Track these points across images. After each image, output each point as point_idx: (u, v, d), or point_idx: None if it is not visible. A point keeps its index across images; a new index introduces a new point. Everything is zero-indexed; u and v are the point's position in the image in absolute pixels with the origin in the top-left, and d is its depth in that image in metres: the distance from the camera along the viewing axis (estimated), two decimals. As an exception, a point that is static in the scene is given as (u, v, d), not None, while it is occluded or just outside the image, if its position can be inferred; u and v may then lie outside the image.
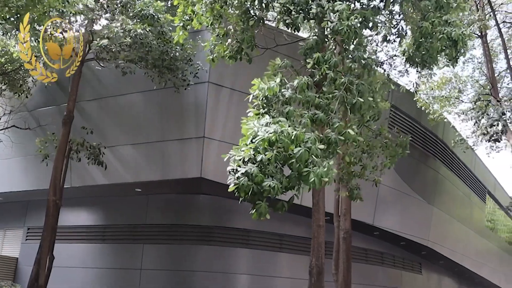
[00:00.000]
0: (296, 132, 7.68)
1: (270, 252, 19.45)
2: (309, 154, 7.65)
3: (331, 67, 9.19)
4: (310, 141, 7.77)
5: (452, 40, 10.41)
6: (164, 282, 18.34)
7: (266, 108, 8.74)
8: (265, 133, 7.59)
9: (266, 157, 7.53)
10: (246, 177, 7.48)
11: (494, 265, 39.31)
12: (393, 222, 22.65)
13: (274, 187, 7.46)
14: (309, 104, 8.87)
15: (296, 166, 7.66)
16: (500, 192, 40.91)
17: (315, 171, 7.52)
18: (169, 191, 18.93)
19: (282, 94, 8.71)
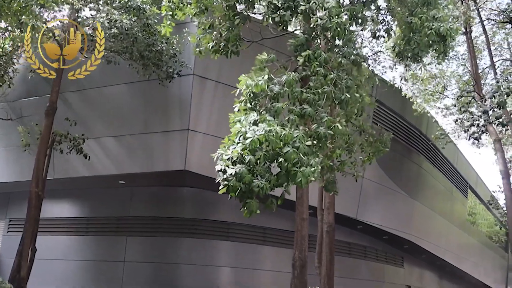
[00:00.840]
0: (284, 132, 7.72)
1: (253, 245, 19.50)
2: (297, 153, 7.70)
3: (321, 64, 9.21)
4: (298, 140, 7.81)
5: (441, 36, 10.55)
6: (147, 275, 18.30)
7: (253, 103, 8.74)
8: (254, 134, 7.62)
9: (255, 158, 7.57)
10: (235, 177, 7.53)
11: (474, 259, 39.81)
12: (376, 216, 22.82)
13: (263, 187, 7.52)
14: (296, 99, 8.89)
15: (284, 165, 7.72)
16: (481, 187, 41.40)
17: (303, 171, 7.59)
18: (153, 184, 18.87)
19: (270, 90, 8.70)
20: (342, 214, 19.63)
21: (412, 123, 24.46)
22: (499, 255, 49.52)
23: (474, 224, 39.34)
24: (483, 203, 41.60)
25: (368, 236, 25.14)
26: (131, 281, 18.14)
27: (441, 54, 11.33)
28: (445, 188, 30.86)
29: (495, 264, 48.64)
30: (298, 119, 8.57)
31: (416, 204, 26.05)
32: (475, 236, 39.60)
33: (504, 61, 25.20)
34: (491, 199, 38.79)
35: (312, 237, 14.95)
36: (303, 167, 7.66)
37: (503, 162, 22.32)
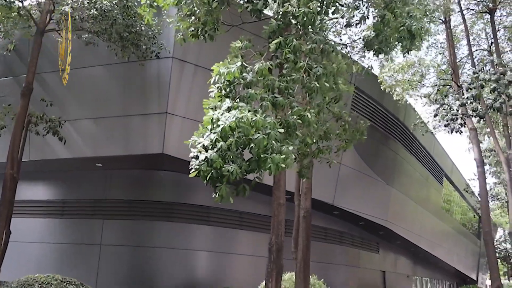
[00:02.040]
0: (255, 118, 7.74)
1: (230, 229, 19.57)
2: (267, 139, 7.73)
3: (292, 51, 9.22)
4: (269, 126, 7.84)
5: (411, 34, 10.75)
6: (124, 258, 18.28)
7: (227, 90, 8.73)
8: (226, 120, 7.63)
9: (226, 144, 7.59)
10: (206, 162, 7.56)
11: (448, 246, 40.55)
12: (352, 202, 23.04)
13: (232, 172, 7.55)
14: (269, 87, 8.91)
15: (255, 151, 7.75)
16: (456, 175, 42.04)
17: (273, 157, 7.63)
18: (131, 167, 18.75)
19: (243, 78, 8.70)
20: (319, 200, 19.80)
21: (390, 110, 24.67)
22: (472, 242, 50.53)
23: (449, 212, 40.02)
24: (458, 190, 42.31)
25: (344, 221, 25.41)
26: (107, 265, 18.09)
27: (406, 50, 11.55)
28: (421, 175, 31.28)
29: (468, 251, 49.66)
30: (271, 106, 8.60)
31: (392, 191, 26.37)
32: (449, 223, 40.30)
33: (482, 51, 25.49)
34: (466, 187, 39.46)
35: (288, 222, 15.04)
36: (274, 154, 7.70)
37: (478, 151, 22.67)
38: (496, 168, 30.93)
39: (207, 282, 18.04)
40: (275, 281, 10.16)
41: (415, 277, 39.80)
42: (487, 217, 22.53)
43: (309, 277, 15.49)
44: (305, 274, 15.09)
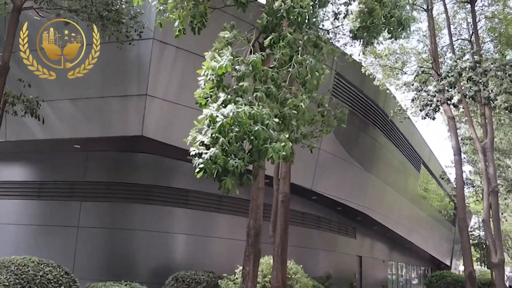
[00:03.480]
0: (253, 111, 7.76)
1: (209, 213, 19.58)
2: (266, 131, 7.77)
3: (288, 45, 9.22)
4: (266, 117, 7.87)
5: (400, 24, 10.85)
6: (102, 240, 18.21)
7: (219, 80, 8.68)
8: (223, 118, 7.63)
9: (227, 139, 7.59)
10: (210, 160, 7.57)
11: (424, 232, 41.20)
12: (331, 187, 23.22)
13: (237, 166, 7.59)
14: (262, 78, 8.89)
15: (255, 143, 7.79)
16: (433, 163, 42.55)
17: (273, 147, 7.68)
18: (109, 149, 18.62)
19: (236, 70, 8.65)
20: (298, 185, 19.90)
21: (370, 97, 24.81)
22: (447, 228, 51.37)
23: (425, 198, 40.57)
24: (435, 178, 42.85)
25: (322, 206, 25.61)
26: (85, 247, 18.00)
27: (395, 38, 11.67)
28: (399, 162, 31.61)
29: (443, 237, 50.51)
30: (265, 98, 8.60)
31: (370, 177, 26.62)
32: (425, 210, 40.88)
33: (463, 40, 25.69)
34: (443, 174, 39.98)
35: (267, 206, 15.10)
36: (273, 143, 7.76)
37: (456, 139, 22.94)
38: (473, 156, 31.36)
39: (185, 265, 18.06)
40: (253, 265, 10.24)
41: (391, 262, 40.42)
42: (462, 204, 22.89)
43: (286, 261, 15.62)
44: (283, 258, 15.22)
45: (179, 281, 16.35)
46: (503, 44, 21.58)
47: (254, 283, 10.17)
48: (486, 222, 20.04)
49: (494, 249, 18.28)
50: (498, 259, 18.07)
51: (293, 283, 16.37)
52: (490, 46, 24.35)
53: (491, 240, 18.62)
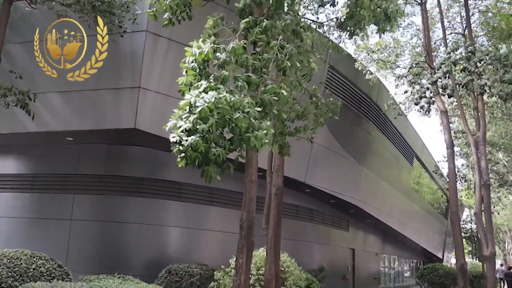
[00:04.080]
0: (234, 99, 7.71)
1: (202, 206, 19.58)
2: (248, 118, 7.73)
3: (264, 31, 9.19)
4: (247, 105, 7.83)
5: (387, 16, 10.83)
6: (95, 233, 18.18)
7: (201, 68, 8.64)
8: (204, 103, 7.58)
9: (207, 126, 7.55)
10: (191, 148, 7.52)
11: (416, 225, 41.40)
12: (324, 181, 23.26)
13: (219, 154, 7.56)
14: (243, 66, 8.87)
15: (237, 131, 7.75)
16: (426, 156, 42.73)
17: (256, 135, 7.65)
18: (102, 141, 18.56)
19: (216, 57, 8.63)
20: (291, 178, 19.93)
21: (363, 90, 24.84)
22: (439, 221, 51.67)
23: (418, 192, 40.75)
24: (428, 171, 43.05)
25: (315, 199, 25.66)
26: (77, 240, 17.97)
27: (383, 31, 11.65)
28: (392, 155, 31.70)
29: (435, 230, 50.79)
30: (246, 86, 8.57)
31: (364, 170, 26.69)
32: (418, 203, 41.07)
33: (456, 34, 25.70)
34: (435, 168, 40.17)
35: (260, 199, 15.12)
36: (255, 131, 7.73)
37: (448, 133, 22.97)
38: (465, 150, 31.49)
39: (178, 257, 18.08)
40: (246, 258, 10.23)
41: (384, 255, 40.61)
42: (455, 197, 22.96)
43: (279, 253, 15.66)
44: (276, 250, 15.25)
45: (172, 273, 16.38)
46: (496, 38, 21.61)
47: (247, 276, 10.17)
48: (478, 215, 20.13)
49: (485, 242, 18.38)
50: (489, 252, 18.18)
51: (286, 276, 16.41)
52: (483, 40, 24.38)
53: (483, 233, 18.72)
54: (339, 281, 28.67)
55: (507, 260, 66.83)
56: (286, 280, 16.27)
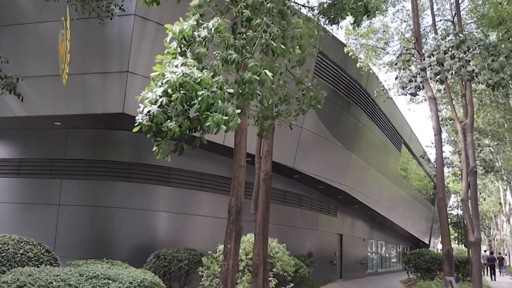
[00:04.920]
0: (201, 76, 7.62)
1: (190, 191, 19.59)
2: (212, 98, 7.63)
3: (248, 6, 9.08)
4: (216, 85, 7.74)
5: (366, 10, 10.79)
6: (83, 218, 18.13)
7: (183, 47, 8.56)
8: (172, 76, 7.51)
9: (172, 98, 7.49)
10: (148, 117, 7.48)
11: (403, 211, 41.76)
12: (312, 166, 23.34)
13: (171, 129, 7.49)
14: (226, 45, 8.76)
15: (198, 109, 7.66)
16: (414, 143, 43.00)
17: (214, 116, 7.55)
18: (90, 126, 18.44)
19: (198, 35, 8.53)
20: (280, 163, 19.98)
21: (353, 76, 24.88)
22: (426, 207, 52.17)
23: (406, 178, 41.05)
24: (415, 158, 43.35)
25: (304, 185, 25.76)
26: (65, 225, 17.92)
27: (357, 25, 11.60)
28: (381, 142, 31.86)
29: (422, 216, 51.30)
30: (221, 65, 8.44)
31: (352, 156, 26.80)
32: (406, 189, 41.41)
33: (446, 21, 25.76)
34: (423, 154, 40.46)
35: (249, 184, 15.15)
36: (216, 113, 7.62)
37: (436, 119, 23.13)
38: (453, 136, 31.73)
39: (167, 242, 18.12)
40: (234, 243, 10.26)
41: (371, 241, 40.98)
42: (442, 184, 23.17)
43: (268, 239, 15.74)
44: (264, 236, 15.31)
45: (160, 258, 16.42)
46: (485, 26, 21.69)
47: (235, 261, 10.21)
48: (465, 201, 20.35)
49: (471, 228, 18.59)
50: (475, 238, 18.39)
51: (274, 261, 16.52)
52: (472, 27, 24.43)
53: (469, 219, 18.92)
54: (327, 266, 28.93)
55: (492, 246, 67.76)
56: (274, 265, 16.38)
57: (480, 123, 30.71)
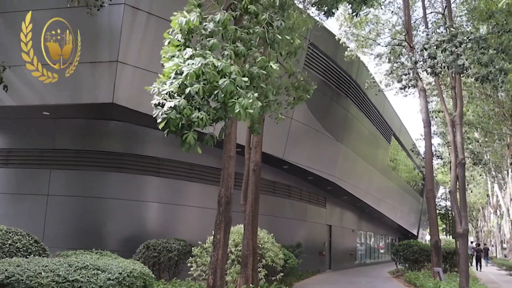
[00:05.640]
0: (221, 64, 7.63)
1: (180, 181, 19.56)
2: (234, 85, 7.65)
3: (253, 1, 9.09)
4: (234, 73, 7.75)
5: None
6: (72, 208, 18.05)
7: (186, 38, 8.53)
8: (191, 67, 7.48)
9: (194, 90, 7.45)
10: (174, 110, 7.41)
11: (392, 202, 42.01)
12: (302, 157, 23.38)
13: (202, 118, 7.46)
14: (230, 38, 8.76)
15: (222, 97, 7.67)
16: (404, 135, 43.19)
17: (241, 102, 7.57)
18: (80, 116, 18.31)
19: (204, 28, 8.51)
20: (269, 154, 19.99)
21: (343, 68, 24.89)
22: (415, 199, 52.51)
23: (395, 170, 41.27)
24: (405, 150, 43.57)
25: (293, 176, 25.81)
26: (54, 215, 17.84)
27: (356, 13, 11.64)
28: (370, 133, 31.97)
29: (411, 208, 51.64)
30: (233, 55, 8.48)
31: (342, 148, 26.88)
32: (395, 181, 41.63)
33: (436, 14, 25.83)
34: (413, 146, 40.72)
35: (238, 175, 15.18)
36: (241, 98, 7.64)
37: (426, 112, 23.30)
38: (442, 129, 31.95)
39: (156, 233, 18.11)
40: (224, 233, 10.30)
41: (360, 232, 41.23)
42: (431, 176, 23.38)
43: (257, 229, 15.80)
44: (253, 226, 15.38)
45: (150, 249, 16.42)
46: (475, 19, 21.77)
47: (225, 251, 10.26)
48: (453, 193, 20.51)
49: (459, 219, 18.75)
50: (462, 229, 18.56)
51: (263, 252, 16.58)
52: (463, 20, 24.51)
53: (457, 211, 19.08)
54: (316, 257, 29.08)
55: (479, 237, 68.47)
56: (263, 256, 16.44)
57: (470, 116, 30.92)
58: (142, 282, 9.60)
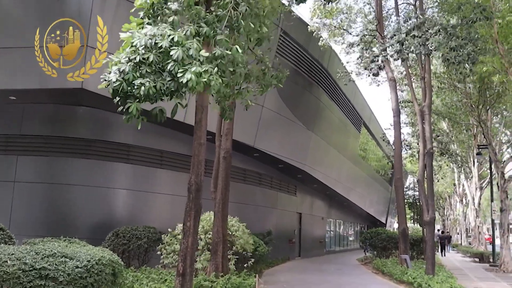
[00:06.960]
0: (175, 34, 7.43)
1: (150, 168, 19.43)
2: (187, 55, 7.44)
3: None
4: (191, 46, 7.57)
5: None
6: (40, 195, 17.77)
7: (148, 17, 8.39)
8: (143, 36, 7.30)
9: (143, 57, 7.26)
10: (117, 73, 7.24)
11: (361, 191, 42.54)
12: (273, 145, 23.43)
13: (145, 84, 7.22)
14: (196, 18, 8.65)
15: (172, 66, 7.47)
16: (374, 124, 43.66)
17: (193, 70, 7.34)
18: (48, 101, 17.96)
19: (167, 8, 8.39)
20: (240, 141, 19.99)
21: (315, 57, 24.97)
22: (384, 187, 53.27)
23: (364, 158, 41.73)
24: (375, 139, 44.07)
25: (263, 164, 25.88)
26: (21, 202, 17.53)
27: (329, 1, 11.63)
28: (341, 122, 32.22)
29: (380, 196, 52.39)
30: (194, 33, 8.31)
31: (312, 136, 27.03)
32: (364, 170, 42.12)
33: (408, 5, 26.04)
34: (383, 136, 41.20)
35: (209, 162, 15.13)
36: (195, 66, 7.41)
37: (396, 101, 23.58)
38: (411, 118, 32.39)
39: (126, 220, 17.98)
40: (194, 221, 10.26)
41: (329, 219, 41.66)
42: (399, 165, 23.73)
43: (227, 217, 15.82)
44: (224, 214, 15.40)
45: (119, 236, 16.31)
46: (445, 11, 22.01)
47: (194, 239, 10.22)
48: (421, 182, 20.84)
49: (426, 207, 19.09)
50: (429, 218, 18.91)
51: (234, 239, 16.61)
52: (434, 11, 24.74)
53: (424, 199, 19.42)
54: (286, 245, 29.30)
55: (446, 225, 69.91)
56: (234, 244, 16.48)
57: (439, 106, 31.39)
58: (111, 269, 9.51)
